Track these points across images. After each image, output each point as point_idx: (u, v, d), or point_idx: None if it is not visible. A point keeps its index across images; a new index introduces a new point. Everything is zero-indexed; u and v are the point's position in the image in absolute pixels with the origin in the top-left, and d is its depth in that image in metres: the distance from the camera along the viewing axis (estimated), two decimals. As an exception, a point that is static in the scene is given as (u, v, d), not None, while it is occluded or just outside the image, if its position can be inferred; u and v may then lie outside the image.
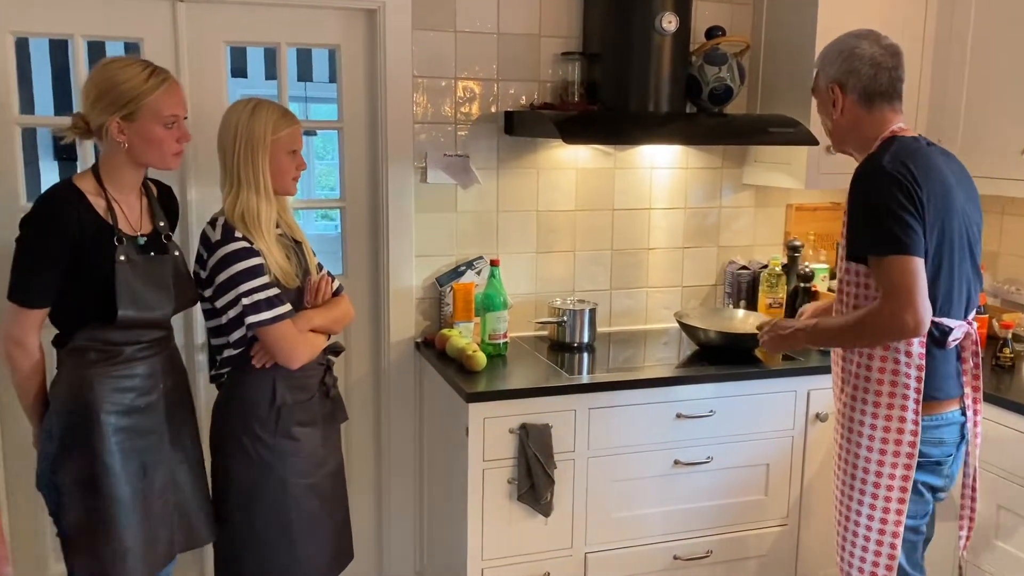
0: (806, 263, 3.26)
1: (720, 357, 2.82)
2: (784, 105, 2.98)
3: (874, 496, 2.08)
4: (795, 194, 3.33)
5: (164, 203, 2.23)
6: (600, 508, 2.64)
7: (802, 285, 3.16)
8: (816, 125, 2.79)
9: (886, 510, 2.07)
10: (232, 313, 2.13)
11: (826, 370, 2.76)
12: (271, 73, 7.83)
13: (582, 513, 2.62)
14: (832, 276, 3.27)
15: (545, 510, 2.54)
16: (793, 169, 2.98)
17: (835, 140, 2.20)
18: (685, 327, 2.93)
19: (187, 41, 2.67)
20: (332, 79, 8.04)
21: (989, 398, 2.55)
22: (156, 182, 2.25)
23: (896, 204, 1.91)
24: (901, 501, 2.06)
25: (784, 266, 3.20)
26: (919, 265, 1.91)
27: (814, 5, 2.83)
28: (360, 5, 2.78)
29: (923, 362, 2.02)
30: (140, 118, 2.00)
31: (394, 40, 2.81)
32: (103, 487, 2.03)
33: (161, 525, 2.13)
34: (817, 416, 2.80)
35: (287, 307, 2.15)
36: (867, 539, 2.10)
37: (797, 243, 3.23)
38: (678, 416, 2.66)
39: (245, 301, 2.09)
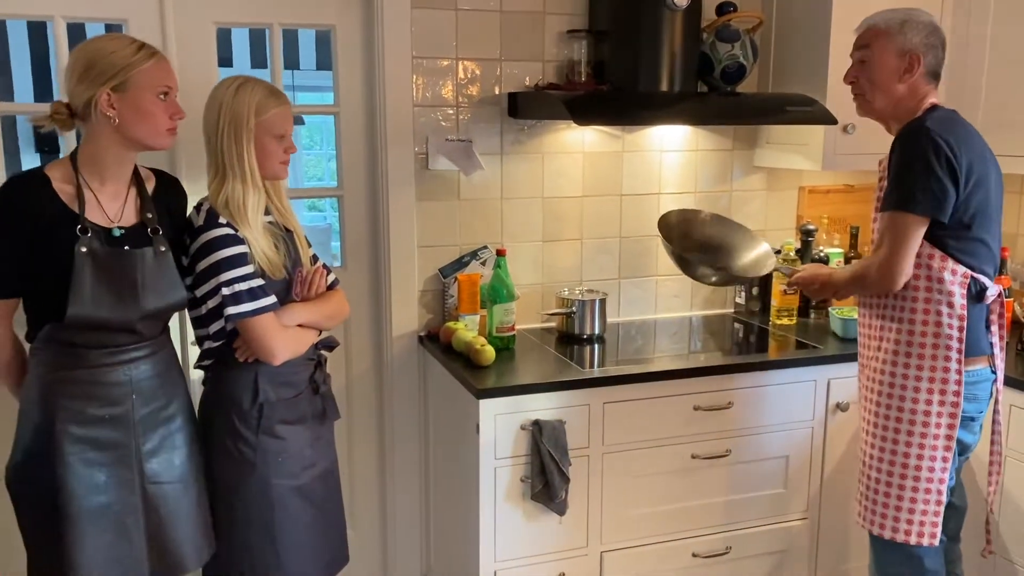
0: (820, 247, 3.16)
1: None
2: (797, 83, 2.87)
3: (921, 447, 2.12)
4: (807, 176, 3.22)
5: (165, 196, 2.04)
6: (616, 505, 2.54)
7: (816, 270, 3.06)
8: (833, 103, 2.70)
9: (933, 459, 2.11)
10: (211, 303, 2.00)
11: (846, 358, 2.68)
12: (257, 60, 7.66)
13: (597, 511, 2.52)
14: (847, 260, 3.17)
15: (559, 508, 2.44)
16: (809, 150, 2.87)
17: (875, 106, 2.17)
18: (681, 261, 2.57)
19: (174, 22, 2.53)
20: (320, 67, 7.90)
21: (1017, 384, 2.46)
22: (161, 173, 2.08)
23: (925, 164, 1.99)
24: (947, 449, 2.12)
25: (797, 251, 3.10)
26: (916, 225, 2.02)
27: (830, -22, 2.71)
28: (356, -17, 2.65)
29: (964, 313, 2.07)
30: (132, 88, 1.85)
31: (392, 19, 2.67)
32: (57, 503, 1.86)
33: (124, 546, 1.93)
34: (838, 406, 2.70)
35: (270, 299, 2.02)
36: (915, 490, 2.14)
37: (811, 227, 3.13)
38: (695, 408, 2.55)
39: (225, 291, 1.97)
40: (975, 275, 2.08)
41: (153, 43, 2.40)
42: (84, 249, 1.83)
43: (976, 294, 2.09)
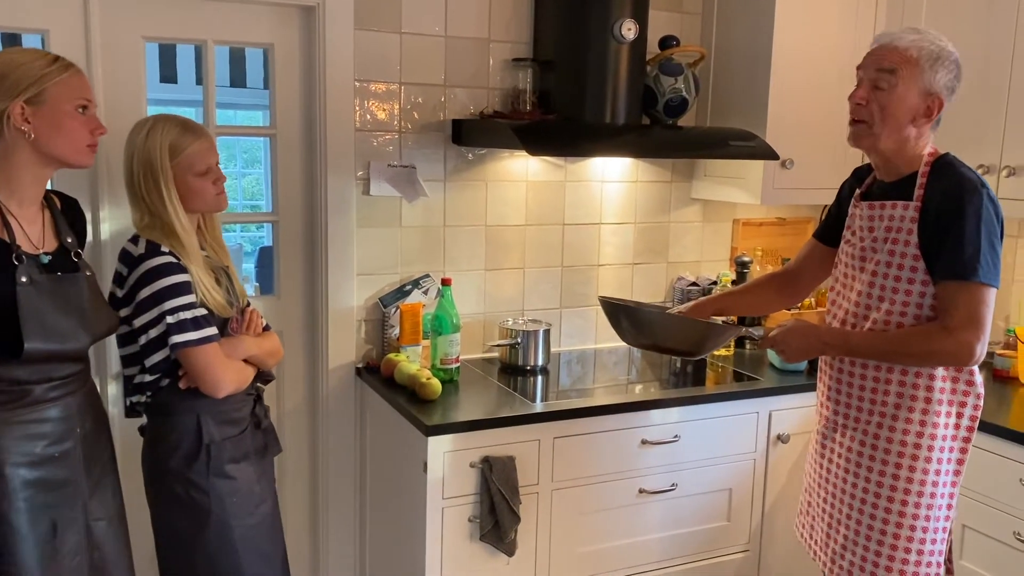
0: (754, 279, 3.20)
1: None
2: (736, 117, 2.91)
3: (927, 519, 1.95)
4: (741, 209, 3.28)
5: (69, 217, 1.93)
6: (564, 544, 2.48)
7: (752, 301, 3.10)
8: (773, 137, 2.75)
9: (936, 530, 1.96)
10: (153, 333, 1.91)
11: (785, 390, 2.71)
12: (166, 75, 7.37)
13: (545, 550, 2.46)
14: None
15: (509, 549, 2.36)
16: (747, 184, 2.91)
17: (880, 143, 1.91)
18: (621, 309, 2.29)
19: (100, 35, 2.37)
20: (233, 83, 7.67)
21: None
22: (59, 194, 1.96)
23: (992, 230, 1.84)
24: (948, 519, 1.98)
25: (733, 282, 3.13)
26: (993, 298, 1.86)
27: (770, 15, 2.77)
28: (296, 1, 2.54)
29: (983, 391, 1.97)
30: (48, 101, 1.73)
31: (334, 40, 2.58)
32: (6, 554, 1.72)
33: None
34: (779, 438, 2.72)
35: (214, 330, 1.96)
36: (918, 564, 1.96)
37: (746, 259, 3.17)
38: (643, 443, 2.53)
39: (170, 319, 1.89)
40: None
41: (77, 56, 2.30)
42: (25, 279, 1.70)
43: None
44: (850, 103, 1.93)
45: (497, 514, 2.31)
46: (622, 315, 2.27)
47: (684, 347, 2.27)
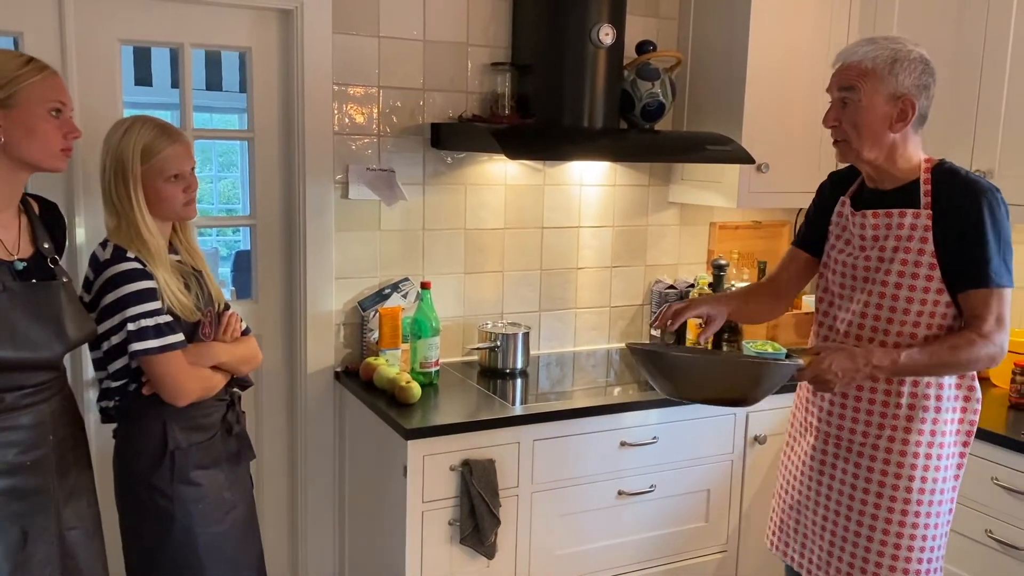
0: (732, 282, 3.23)
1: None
2: (712, 122, 2.94)
3: (938, 513, 1.96)
4: (718, 212, 3.30)
5: (48, 222, 1.90)
6: (544, 545, 2.49)
7: (729, 304, 3.12)
8: (748, 141, 2.78)
9: (942, 535, 1.98)
10: (115, 339, 1.89)
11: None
12: (140, 77, 7.31)
13: (525, 552, 2.47)
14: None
15: (489, 552, 2.37)
16: (724, 188, 2.94)
17: (864, 156, 1.90)
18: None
19: (75, 37, 2.35)
20: (209, 86, 7.63)
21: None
22: (38, 198, 1.93)
23: (1008, 234, 1.85)
24: (948, 524, 2.00)
25: (710, 284, 3.16)
26: None
27: (746, 20, 2.80)
28: (274, 5, 2.54)
29: (980, 394, 1.99)
30: (20, 104, 1.70)
31: (312, 44, 2.58)
32: None
33: None
34: (756, 439, 2.75)
35: (178, 337, 1.93)
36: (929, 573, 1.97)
37: (723, 262, 3.19)
38: (622, 444, 2.54)
39: (130, 326, 1.87)
40: None
41: (52, 59, 2.27)
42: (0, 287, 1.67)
43: None
44: (826, 127, 1.94)
45: (477, 517, 2.31)
46: (651, 363, 1.94)
47: (732, 394, 1.91)
